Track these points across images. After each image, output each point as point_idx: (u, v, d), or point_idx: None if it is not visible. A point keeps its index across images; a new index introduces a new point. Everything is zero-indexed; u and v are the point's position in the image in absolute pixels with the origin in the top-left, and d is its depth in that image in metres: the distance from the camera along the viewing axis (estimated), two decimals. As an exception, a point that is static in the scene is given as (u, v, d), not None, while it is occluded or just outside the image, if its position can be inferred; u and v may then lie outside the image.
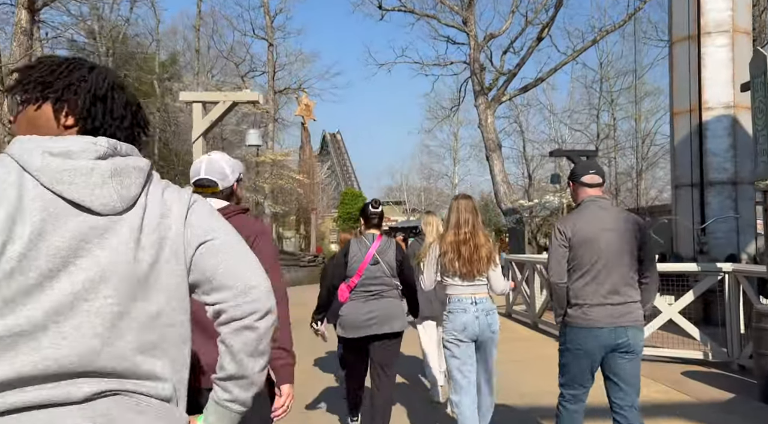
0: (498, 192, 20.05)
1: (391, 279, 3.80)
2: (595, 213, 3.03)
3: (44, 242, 0.97)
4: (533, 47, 18.97)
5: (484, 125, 20.11)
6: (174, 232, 1.10)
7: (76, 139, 1.05)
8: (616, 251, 2.96)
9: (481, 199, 48.25)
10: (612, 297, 2.96)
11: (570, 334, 3.08)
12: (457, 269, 3.49)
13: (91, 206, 1.01)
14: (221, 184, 2.13)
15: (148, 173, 1.11)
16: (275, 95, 25.48)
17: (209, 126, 9.05)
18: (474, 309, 3.49)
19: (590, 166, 3.22)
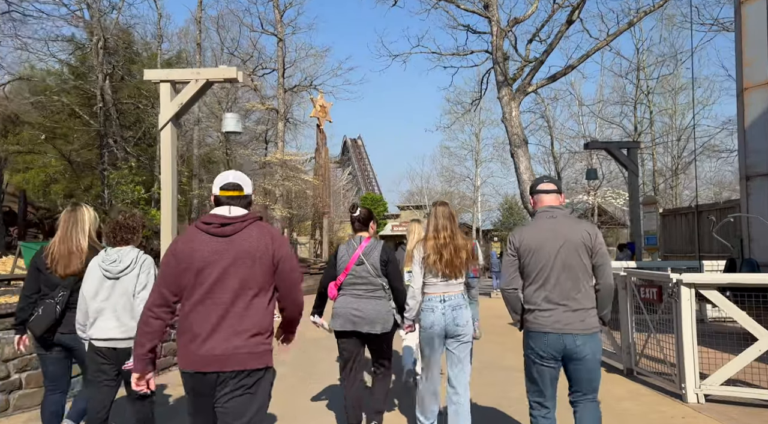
0: (524, 192, 18.23)
1: (377, 279, 4.01)
2: (544, 222, 3.18)
3: None
4: (562, 32, 17.18)
5: (508, 119, 18.35)
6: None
7: None
8: (563, 258, 3.08)
9: (504, 202, 46.33)
10: (561, 304, 3.06)
11: (525, 338, 3.24)
12: (440, 270, 3.71)
13: None
14: (246, 190, 2.62)
15: None
16: (285, 93, 24.10)
17: (179, 109, 7.57)
18: (441, 307, 3.73)
19: (544, 177, 3.46)
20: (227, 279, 2.44)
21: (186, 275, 2.46)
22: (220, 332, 2.42)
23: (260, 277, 2.48)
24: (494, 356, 7.39)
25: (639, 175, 12.95)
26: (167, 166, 7.56)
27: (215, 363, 2.40)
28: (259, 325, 2.48)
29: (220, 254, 2.46)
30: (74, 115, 20.12)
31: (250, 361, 2.44)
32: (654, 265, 11.70)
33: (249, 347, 2.43)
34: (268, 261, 2.50)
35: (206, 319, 2.43)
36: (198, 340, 2.41)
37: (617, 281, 6.55)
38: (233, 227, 2.49)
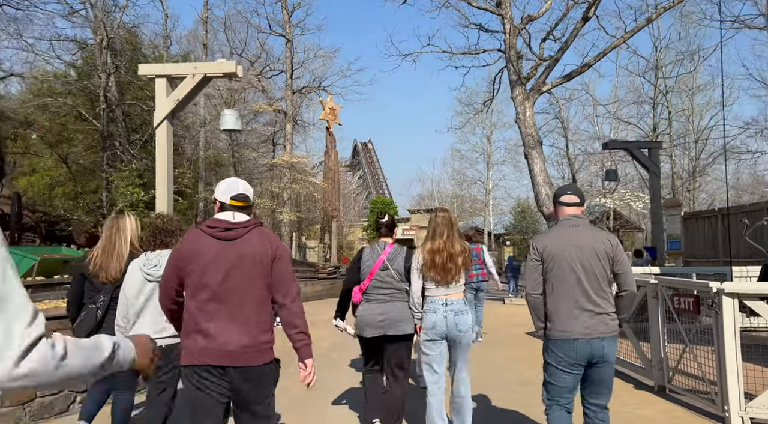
0: (539, 195, 17.67)
1: (400, 284, 4.10)
2: (566, 231, 3.31)
3: None
4: (578, 29, 16.62)
5: (522, 119, 17.81)
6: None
7: None
8: (587, 265, 3.21)
9: (517, 206, 45.66)
10: (585, 309, 3.18)
11: (552, 347, 3.28)
12: (432, 277, 3.87)
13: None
14: (251, 200, 2.83)
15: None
16: (293, 95, 23.70)
17: (175, 106, 7.15)
18: (443, 310, 3.86)
19: (569, 187, 3.55)
20: (231, 280, 2.59)
21: (191, 275, 2.61)
22: (229, 330, 2.57)
23: (261, 278, 2.65)
24: (515, 371, 6.86)
25: (660, 176, 12.33)
26: (162, 165, 7.14)
27: (227, 358, 2.55)
28: (264, 323, 2.65)
29: (224, 257, 2.61)
30: (80, 117, 19.87)
31: (258, 357, 2.60)
32: (678, 270, 11.10)
33: (256, 344, 2.60)
34: (268, 263, 2.66)
35: (212, 318, 2.58)
36: (208, 337, 2.56)
37: (647, 289, 6.02)
38: (236, 232, 2.66)
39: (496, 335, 9.55)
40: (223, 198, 2.77)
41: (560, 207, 3.41)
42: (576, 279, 3.19)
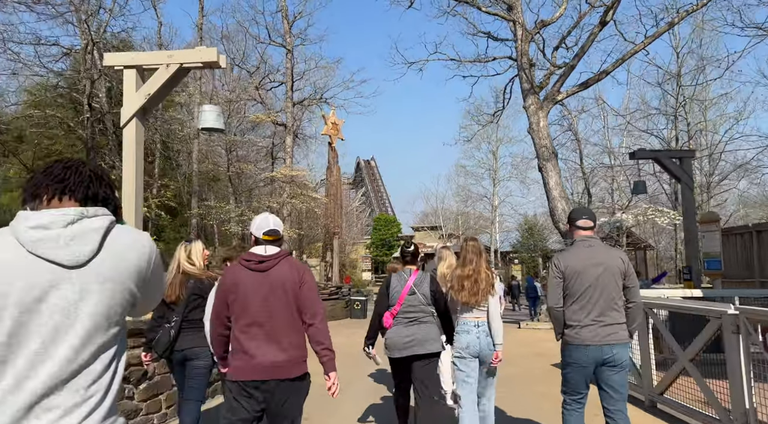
0: (554, 209, 16.52)
1: (427, 307, 4.44)
2: (583, 250, 3.73)
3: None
4: (595, 34, 15.64)
5: (536, 130, 16.74)
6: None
7: (50, 212, 1.44)
8: (601, 281, 3.62)
9: (524, 223, 44.42)
10: (599, 320, 3.61)
11: (567, 350, 3.74)
12: (461, 299, 4.24)
13: (63, 262, 1.41)
14: (281, 234, 3.17)
15: (106, 229, 1.49)
16: (294, 107, 22.70)
17: (147, 101, 6.07)
18: (476, 331, 4.24)
19: (584, 212, 3.90)
20: (267, 306, 3.01)
21: (233, 303, 3.05)
22: (265, 348, 2.98)
23: (292, 303, 3.06)
24: (544, 413, 5.64)
25: (693, 188, 11.18)
26: (130, 172, 6.03)
27: (263, 373, 2.96)
28: (295, 341, 3.05)
29: (260, 286, 3.03)
30: (71, 130, 18.86)
31: (292, 370, 3.01)
32: (717, 294, 9.89)
33: (291, 359, 3.00)
34: (297, 289, 3.07)
35: (253, 338, 3.00)
36: (248, 355, 2.97)
37: (724, 322, 4.86)
38: (268, 264, 3.06)
39: (517, 367, 8.34)
40: (257, 233, 3.13)
41: (576, 230, 3.85)
42: (593, 294, 3.63)
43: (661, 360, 6.35)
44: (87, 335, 1.41)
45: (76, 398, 1.39)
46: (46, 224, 1.42)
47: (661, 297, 7.75)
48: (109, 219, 1.51)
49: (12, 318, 1.35)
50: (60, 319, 1.39)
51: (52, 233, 1.41)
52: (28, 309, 1.37)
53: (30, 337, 1.37)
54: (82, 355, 1.40)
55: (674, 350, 5.59)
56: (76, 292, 1.41)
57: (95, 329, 1.43)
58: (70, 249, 1.42)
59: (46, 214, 1.44)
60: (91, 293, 1.43)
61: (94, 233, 1.46)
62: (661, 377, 5.97)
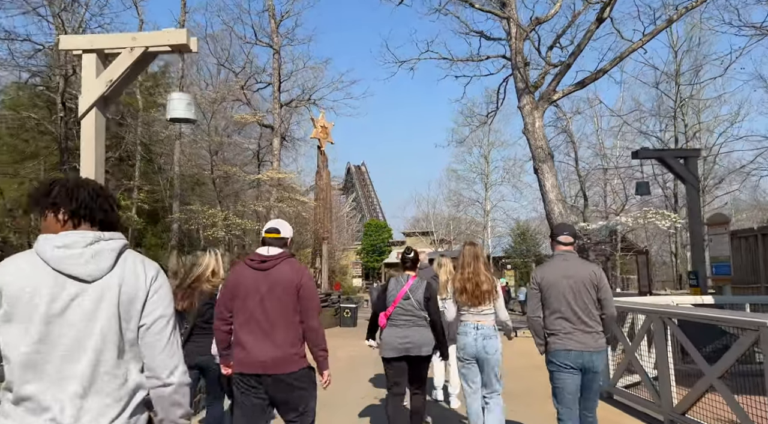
0: (551, 213, 15.96)
1: (420, 311, 4.63)
2: (559, 263, 4.05)
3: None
4: (592, 31, 15.14)
5: (531, 131, 16.20)
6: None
7: (72, 234, 1.66)
8: (575, 292, 3.91)
9: (516, 228, 43.91)
10: (579, 328, 3.89)
11: (551, 356, 3.99)
12: (463, 301, 4.53)
13: (82, 277, 1.63)
14: (282, 233, 3.37)
15: (120, 251, 1.72)
16: (281, 108, 22.03)
17: (108, 89, 5.41)
18: (474, 333, 4.49)
19: (565, 228, 4.27)
20: (265, 303, 3.18)
21: (235, 299, 3.25)
22: (263, 343, 3.14)
23: (290, 301, 3.20)
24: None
25: (699, 189, 10.66)
26: (89, 167, 5.36)
27: (259, 367, 3.12)
28: (291, 339, 3.19)
29: (260, 284, 3.20)
30: (46, 132, 18.05)
31: (288, 366, 3.14)
32: (727, 300, 9.34)
33: (286, 356, 3.15)
34: (295, 288, 3.20)
35: (252, 334, 3.17)
36: (247, 349, 3.15)
37: (761, 333, 4.27)
38: (270, 264, 3.23)
39: (519, 381, 7.70)
40: (262, 233, 3.43)
41: (557, 245, 4.13)
42: (568, 303, 3.90)
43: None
44: (105, 340, 1.61)
45: (106, 400, 1.58)
46: (69, 244, 1.63)
47: (671, 305, 7.19)
48: (123, 242, 1.74)
49: (40, 327, 1.55)
50: (81, 327, 1.59)
51: (75, 252, 1.62)
52: (53, 319, 1.56)
53: (57, 344, 1.57)
54: (105, 358, 1.60)
55: (700, 365, 4.99)
56: (93, 302, 1.62)
57: (113, 335, 1.63)
58: (90, 266, 1.63)
59: (69, 235, 1.65)
60: (105, 304, 1.63)
61: (111, 253, 1.68)
62: (682, 395, 5.38)
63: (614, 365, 6.89)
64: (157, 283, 1.77)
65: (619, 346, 7.03)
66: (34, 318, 1.56)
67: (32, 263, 1.62)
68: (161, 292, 1.77)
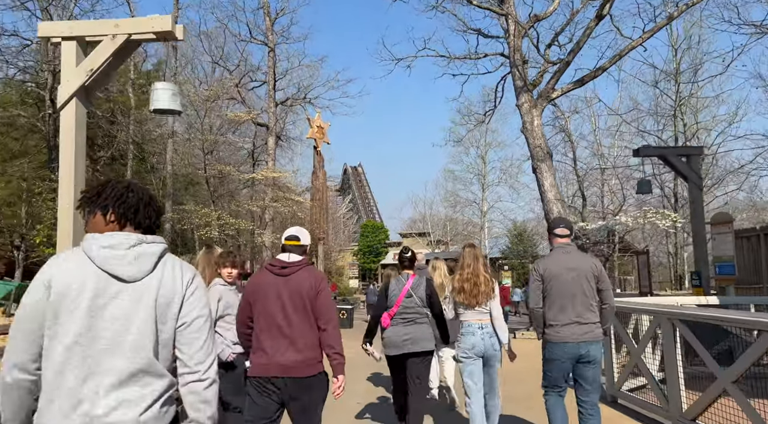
0: (550, 213, 15.72)
1: (422, 308, 4.77)
2: (561, 256, 4.16)
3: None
4: (591, 28, 14.94)
5: (530, 129, 15.97)
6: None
7: (117, 235, 1.79)
8: (576, 284, 4.02)
9: (513, 229, 43.69)
10: (576, 320, 4.00)
11: (548, 347, 4.15)
12: (461, 301, 4.60)
13: (124, 277, 1.75)
14: (302, 240, 3.52)
15: (160, 255, 1.83)
16: (276, 107, 21.72)
17: (89, 79, 5.13)
18: (480, 332, 4.56)
19: (561, 221, 4.38)
20: (286, 308, 3.29)
21: (256, 304, 3.35)
22: (281, 348, 3.24)
23: (308, 307, 3.31)
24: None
25: (702, 187, 10.43)
26: (68, 161, 5.09)
27: (278, 371, 3.21)
28: (310, 343, 3.29)
29: (280, 289, 3.32)
30: (35, 130, 17.72)
31: (306, 370, 3.24)
32: (731, 301, 9.11)
33: (305, 360, 3.25)
34: (314, 295, 3.33)
35: (271, 338, 3.27)
36: (267, 354, 3.25)
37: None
38: (290, 270, 3.37)
39: (522, 384, 7.44)
40: (282, 240, 3.59)
41: (555, 238, 4.26)
42: (569, 295, 4.03)
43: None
44: (142, 338, 1.73)
45: (139, 393, 1.71)
46: (114, 245, 1.77)
47: (675, 306, 6.95)
48: (163, 246, 1.87)
49: (83, 321, 1.68)
50: (120, 323, 1.72)
51: (119, 253, 1.76)
52: (96, 314, 1.70)
53: (97, 338, 1.70)
54: (140, 356, 1.72)
55: (712, 369, 4.75)
56: (132, 302, 1.74)
57: (149, 334, 1.75)
58: (132, 267, 1.76)
59: (114, 236, 1.78)
60: (143, 305, 1.75)
61: (153, 256, 1.81)
62: (692, 400, 5.13)
63: (618, 368, 6.64)
64: (194, 285, 1.88)
65: (623, 348, 6.80)
66: (78, 312, 1.67)
67: (79, 260, 1.74)
68: (197, 294, 1.89)
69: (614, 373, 6.59)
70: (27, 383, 1.71)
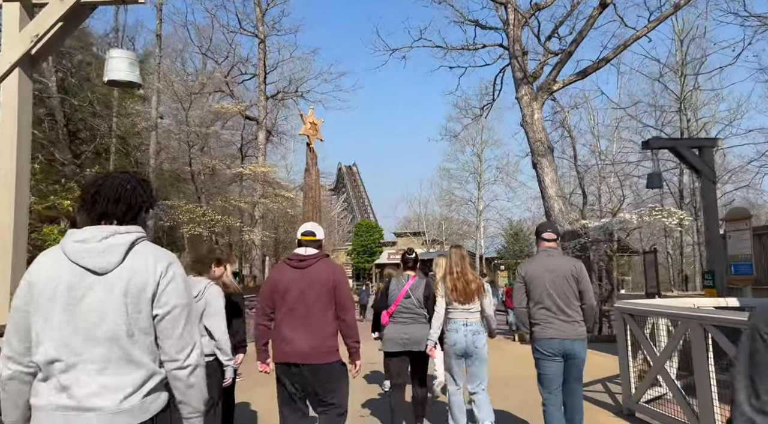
0: (551, 210, 15.10)
1: (421, 309, 5.03)
2: (543, 259, 4.40)
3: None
4: (594, 17, 14.31)
5: (530, 123, 15.34)
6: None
7: (90, 229, 1.86)
8: (557, 284, 4.25)
9: (510, 228, 43.07)
10: (559, 317, 4.23)
11: (536, 344, 4.35)
12: (455, 298, 4.79)
13: (94, 269, 1.81)
14: (317, 235, 3.74)
15: (130, 245, 1.85)
16: (267, 100, 20.98)
17: (35, 46, 4.42)
18: (464, 330, 4.76)
19: (548, 226, 4.60)
20: (303, 298, 3.50)
21: (276, 295, 3.58)
22: (301, 335, 3.45)
23: (326, 297, 3.53)
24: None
25: (716, 181, 9.80)
26: (10, 136, 4.37)
27: (299, 357, 3.43)
28: (329, 331, 3.52)
29: (298, 281, 3.53)
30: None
31: (324, 357, 3.44)
32: (747, 303, 8.48)
33: (323, 347, 3.45)
34: (331, 286, 3.54)
35: (291, 326, 3.49)
36: (286, 341, 3.47)
37: None
38: (307, 262, 3.59)
39: (521, 390, 6.76)
40: (298, 235, 3.78)
41: (541, 241, 4.52)
42: (549, 295, 4.26)
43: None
44: (118, 327, 1.78)
45: (120, 380, 1.77)
46: (86, 239, 1.84)
47: (694, 308, 6.30)
48: (135, 236, 1.88)
49: (62, 315, 1.77)
50: (96, 314, 1.77)
51: (89, 246, 1.82)
52: (73, 307, 1.78)
53: (77, 329, 1.77)
54: (118, 344, 1.78)
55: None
56: (105, 293, 1.79)
57: (124, 323, 1.79)
58: (100, 259, 1.81)
59: (87, 230, 1.86)
60: (115, 294, 1.79)
61: (121, 247, 1.84)
62: (725, 415, 4.48)
63: (635, 378, 5.99)
64: (169, 274, 1.88)
65: (639, 354, 6.16)
66: (57, 305, 1.77)
67: (55, 256, 1.84)
68: (174, 283, 1.88)
69: (631, 383, 5.94)
70: (21, 376, 1.83)
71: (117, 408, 1.73)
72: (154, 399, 1.82)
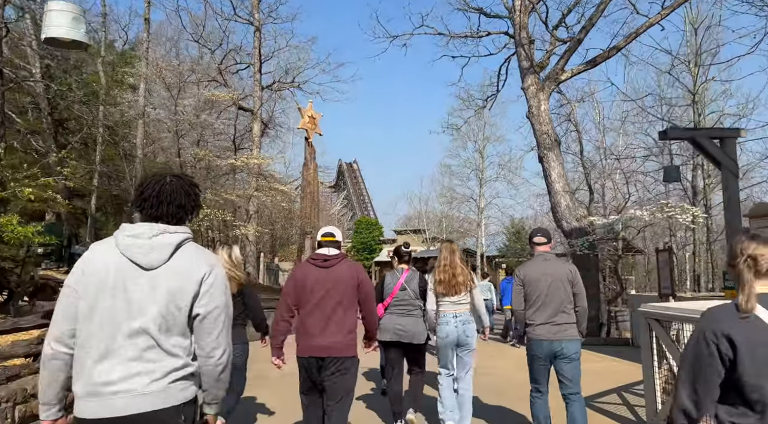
0: (557, 206, 14.39)
1: (416, 301, 5.30)
2: (540, 263, 4.56)
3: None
4: (605, 2, 13.59)
5: (536, 114, 14.62)
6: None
7: (143, 226, 2.00)
8: (552, 288, 4.44)
9: (512, 226, 42.32)
10: (552, 320, 4.40)
11: (530, 344, 4.55)
12: (441, 291, 4.97)
13: (142, 264, 1.94)
14: (336, 236, 3.99)
15: (177, 245, 2.01)
16: (262, 91, 20.26)
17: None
18: (454, 321, 4.94)
19: (539, 230, 4.76)
20: (328, 296, 3.71)
21: (302, 293, 3.76)
22: (325, 330, 3.68)
23: (349, 295, 3.76)
24: None
25: (738, 175, 9.08)
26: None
27: (322, 351, 3.65)
28: (350, 327, 3.76)
29: (323, 280, 3.76)
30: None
31: (345, 350, 3.69)
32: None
33: (344, 341, 3.70)
34: (354, 284, 3.79)
35: (316, 322, 3.71)
36: (311, 336, 3.69)
37: None
38: (331, 262, 3.82)
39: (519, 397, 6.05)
40: (319, 237, 4.00)
41: (534, 246, 4.69)
42: (546, 299, 4.43)
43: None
44: (156, 320, 1.90)
45: (152, 365, 1.89)
46: (138, 235, 1.98)
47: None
48: (183, 236, 2.04)
49: (106, 300, 1.91)
50: (138, 306, 1.90)
51: (140, 241, 1.96)
52: (116, 294, 1.91)
53: (116, 316, 1.90)
54: (154, 335, 1.89)
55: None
56: (150, 287, 1.92)
57: (162, 317, 1.91)
58: (149, 256, 1.95)
59: (139, 226, 2.00)
60: (159, 290, 1.92)
61: (169, 246, 1.98)
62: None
63: (662, 393, 5.27)
64: (211, 278, 2.02)
65: (663, 364, 5.46)
66: (102, 294, 1.92)
67: (108, 247, 2.00)
68: (215, 285, 2.03)
69: (657, 398, 5.23)
70: (63, 356, 1.95)
71: (143, 390, 1.85)
72: (181, 388, 1.92)
